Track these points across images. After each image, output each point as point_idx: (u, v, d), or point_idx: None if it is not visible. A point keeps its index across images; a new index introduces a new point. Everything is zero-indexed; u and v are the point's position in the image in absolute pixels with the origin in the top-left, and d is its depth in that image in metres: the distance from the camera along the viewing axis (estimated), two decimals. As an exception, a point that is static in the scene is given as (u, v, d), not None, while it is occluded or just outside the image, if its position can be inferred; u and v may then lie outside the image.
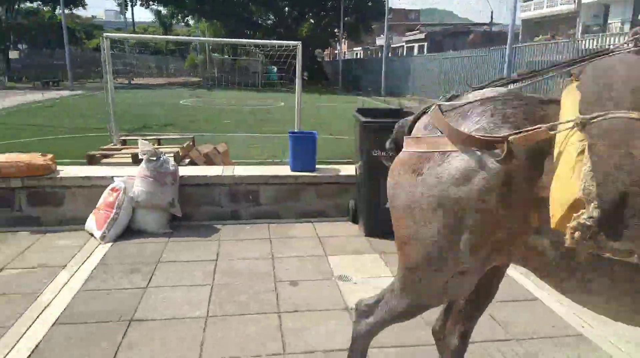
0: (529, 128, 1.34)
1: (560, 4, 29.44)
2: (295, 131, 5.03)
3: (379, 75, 28.35)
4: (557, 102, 1.42)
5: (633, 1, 24.35)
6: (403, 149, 1.63)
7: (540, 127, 1.33)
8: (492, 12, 38.35)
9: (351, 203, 4.56)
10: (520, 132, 1.34)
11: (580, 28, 26.18)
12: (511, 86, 1.65)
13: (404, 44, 46.75)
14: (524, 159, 1.35)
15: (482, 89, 1.61)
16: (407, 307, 1.70)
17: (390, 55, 32.19)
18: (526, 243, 1.41)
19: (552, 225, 1.29)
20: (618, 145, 1.19)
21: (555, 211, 1.27)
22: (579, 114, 1.27)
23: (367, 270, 3.59)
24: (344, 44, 43.64)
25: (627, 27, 23.12)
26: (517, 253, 1.46)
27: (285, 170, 4.75)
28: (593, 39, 14.91)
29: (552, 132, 1.32)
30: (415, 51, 42.18)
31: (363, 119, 4.07)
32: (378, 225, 4.13)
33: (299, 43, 5.51)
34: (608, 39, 13.97)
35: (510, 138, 1.34)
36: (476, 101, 1.50)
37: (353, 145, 4.70)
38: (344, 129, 8.80)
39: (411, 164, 1.54)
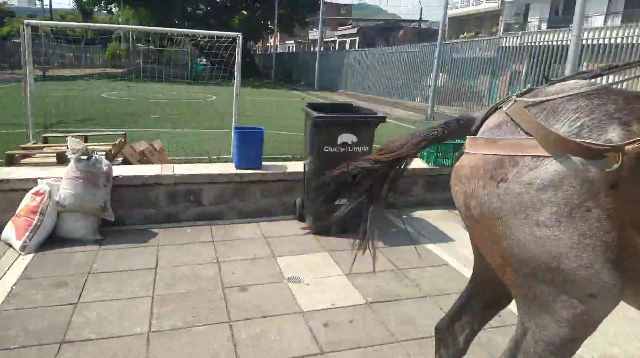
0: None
1: (485, 2, 31.01)
2: (241, 126, 4.80)
3: (313, 69, 28.36)
4: None
5: (551, 1, 26.18)
6: (470, 152, 1.42)
7: None
8: (421, 9, 39.62)
9: (298, 200, 4.44)
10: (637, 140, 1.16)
11: (502, 26, 27.77)
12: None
13: (336, 38, 47.16)
14: (633, 168, 1.17)
15: (562, 81, 1.44)
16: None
17: (323, 49, 32.27)
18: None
19: None
20: None
21: None
22: None
23: (319, 270, 3.48)
24: (277, 37, 43.17)
25: (544, 25, 24.83)
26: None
27: (229, 168, 4.52)
28: (513, 36, 15.80)
29: None
30: (347, 45, 42.69)
31: (316, 114, 3.94)
32: (326, 222, 4.07)
33: (239, 34, 5.26)
34: (527, 36, 14.86)
35: (629, 147, 1.15)
36: (563, 96, 1.32)
37: (296, 140, 4.56)
38: (284, 124, 8.62)
39: (488, 169, 1.33)
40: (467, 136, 1.48)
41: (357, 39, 41.22)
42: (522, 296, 1.38)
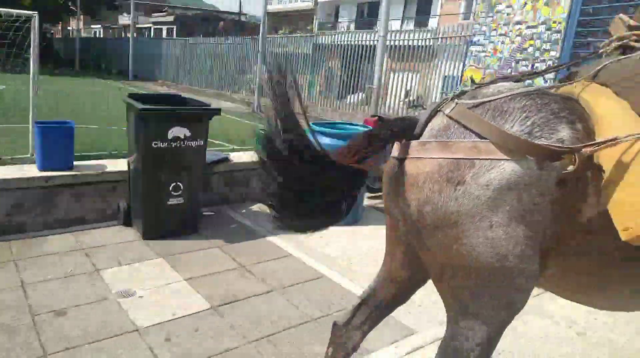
0: (604, 139, 1.21)
1: (301, 1, 32.48)
2: (44, 120, 4.00)
3: (126, 57, 25.96)
4: (575, 100, 1.37)
5: (357, 4, 28.71)
6: (421, 156, 1.34)
7: (616, 138, 1.19)
8: (240, 2, 39.53)
9: (122, 203, 3.94)
10: (598, 143, 1.21)
11: (316, 24, 29.50)
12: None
13: (151, 25, 43.99)
14: (579, 169, 1.22)
15: (490, 84, 1.44)
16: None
17: (136, 35, 29.77)
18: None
19: (623, 236, 1.19)
20: None
21: (628, 219, 1.18)
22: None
23: (154, 279, 3.14)
24: (80, 19, 38.23)
25: (352, 26, 27.14)
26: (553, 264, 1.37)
27: (30, 170, 3.75)
28: (327, 35, 16.91)
29: (626, 142, 1.20)
30: (164, 33, 40.27)
31: (141, 106, 3.49)
32: (159, 225, 3.72)
33: (35, 14, 4.37)
34: (338, 36, 16.04)
35: (586, 149, 1.20)
36: (505, 96, 1.32)
37: (116, 135, 4.06)
38: (99, 117, 7.60)
39: (444, 173, 1.28)
40: (408, 141, 1.39)
41: (175, 27, 39.13)
42: (458, 300, 1.38)
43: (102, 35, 49.04)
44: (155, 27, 43.37)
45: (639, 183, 1.18)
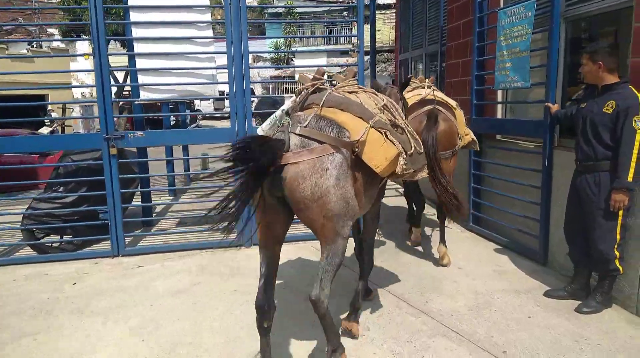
0: (363, 133, 2.48)
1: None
2: None
3: None
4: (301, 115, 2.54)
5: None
6: (299, 160, 2.25)
7: (364, 134, 2.48)
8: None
9: None
10: (362, 136, 2.46)
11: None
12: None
13: None
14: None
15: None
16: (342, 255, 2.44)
17: None
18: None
19: (380, 171, 2.55)
20: (392, 129, 2.74)
21: (380, 163, 2.53)
22: (368, 122, 2.57)
23: None
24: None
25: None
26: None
27: None
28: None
29: (364, 134, 2.50)
30: None
31: None
32: None
33: None
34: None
35: (361, 140, 2.46)
36: (312, 117, 2.45)
37: None
38: None
39: (317, 166, 2.27)
40: (285, 152, 2.24)
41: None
42: (331, 233, 2.33)
43: None
44: None
45: (372, 148, 2.51)
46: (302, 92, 2.81)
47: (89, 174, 4.81)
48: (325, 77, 2.96)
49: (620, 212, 3.01)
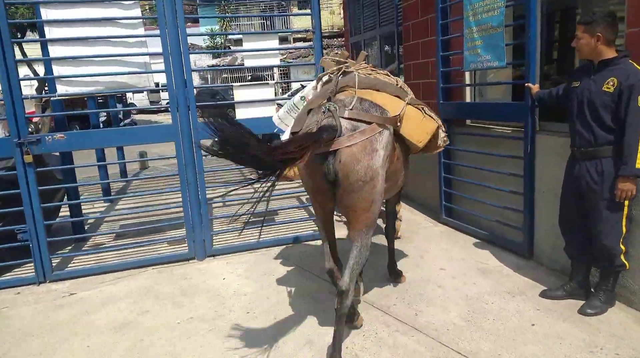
0: (401, 110, 2.66)
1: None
2: None
3: None
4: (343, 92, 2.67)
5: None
6: (352, 142, 2.29)
7: (402, 110, 2.66)
8: None
9: None
10: (401, 111, 2.64)
11: None
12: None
13: None
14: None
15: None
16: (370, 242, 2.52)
17: None
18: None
19: (422, 146, 2.77)
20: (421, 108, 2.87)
21: (423, 138, 2.75)
22: (404, 100, 2.76)
23: None
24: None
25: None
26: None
27: None
28: None
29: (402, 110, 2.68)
30: None
31: None
32: None
33: None
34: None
35: (400, 114, 2.63)
36: (356, 101, 2.49)
37: None
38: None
39: (367, 147, 2.33)
40: (337, 136, 2.29)
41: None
42: (369, 219, 2.42)
43: None
44: None
45: (411, 124, 2.68)
46: (325, 78, 2.88)
47: (0, 187, 3.98)
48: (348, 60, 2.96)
49: (627, 202, 2.71)
